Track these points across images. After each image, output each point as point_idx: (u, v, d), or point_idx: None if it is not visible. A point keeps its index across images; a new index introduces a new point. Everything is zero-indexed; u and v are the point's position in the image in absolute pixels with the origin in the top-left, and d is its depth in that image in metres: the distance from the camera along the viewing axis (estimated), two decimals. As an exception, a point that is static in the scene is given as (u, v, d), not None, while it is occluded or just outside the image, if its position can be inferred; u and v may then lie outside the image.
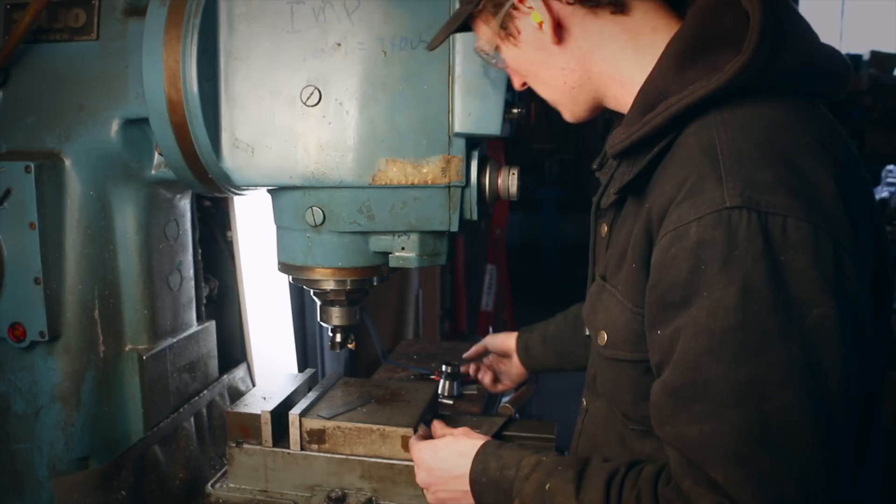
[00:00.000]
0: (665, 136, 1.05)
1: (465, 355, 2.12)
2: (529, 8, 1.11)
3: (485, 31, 1.18)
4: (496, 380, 2.08)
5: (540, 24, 1.11)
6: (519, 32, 1.14)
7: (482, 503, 1.27)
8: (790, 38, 1.02)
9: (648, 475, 1.07)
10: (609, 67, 1.13)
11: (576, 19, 1.11)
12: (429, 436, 1.52)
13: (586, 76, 1.15)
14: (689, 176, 0.98)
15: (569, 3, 1.10)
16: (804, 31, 1.07)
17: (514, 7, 1.12)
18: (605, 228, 1.27)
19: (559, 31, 1.12)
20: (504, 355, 2.04)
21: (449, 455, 1.34)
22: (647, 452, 1.17)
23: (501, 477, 1.23)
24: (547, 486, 1.15)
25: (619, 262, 1.15)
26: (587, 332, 1.29)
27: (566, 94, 1.19)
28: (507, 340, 2.00)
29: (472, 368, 2.11)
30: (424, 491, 1.41)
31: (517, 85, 1.28)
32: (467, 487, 1.29)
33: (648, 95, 1.06)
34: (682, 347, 0.97)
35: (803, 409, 0.91)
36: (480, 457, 1.28)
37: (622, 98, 1.15)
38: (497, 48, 1.19)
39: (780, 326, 0.91)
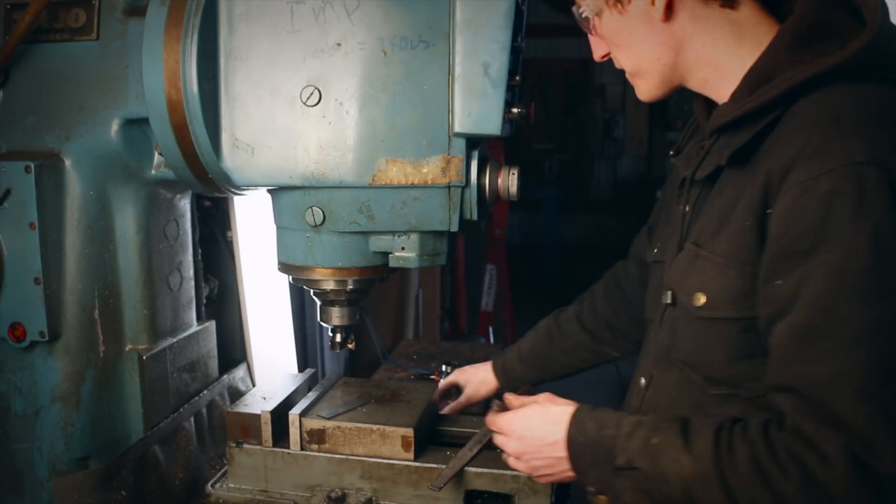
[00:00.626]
0: (776, 108, 1.16)
1: (435, 396, 1.89)
2: None
3: None
4: None
5: (652, 1, 1.21)
6: (629, 1, 1.24)
7: (579, 464, 1.30)
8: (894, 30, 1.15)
9: (757, 426, 1.13)
10: (707, 52, 1.25)
11: (686, 3, 1.22)
12: (505, 409, 1.52)
13: (680, 56, 1.26)
14: (812, 137, 1.08)
15: None
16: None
17: None
18: (688, 207, 1.35)
19: (668, 10, 1.22)
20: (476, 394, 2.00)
21: (540, 423, 1.37)
22: (732, 416, 1.20)
23: (601, 436, 1.26)
24: (653, 442, 1.19)
25: (719, 227, 1.23)
26: (667, 301, 1.33)
27: (654, 70, 1.29)
28: (480, 373, 2.00)
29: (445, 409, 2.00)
30: (514, 460, 1.42)
31: (598, 55, 1.37)
32: (562, 453, 1.32)
33: (760, 73, 1.18)
34: (811, 290, 1.05)
35: None
36: (577, 419, 1.32)
37: (712, 80, 1.28)
38: (598, 13, 1.27)
39: None
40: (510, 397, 1.55)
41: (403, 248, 1.53)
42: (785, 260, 1.09)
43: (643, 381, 1.45)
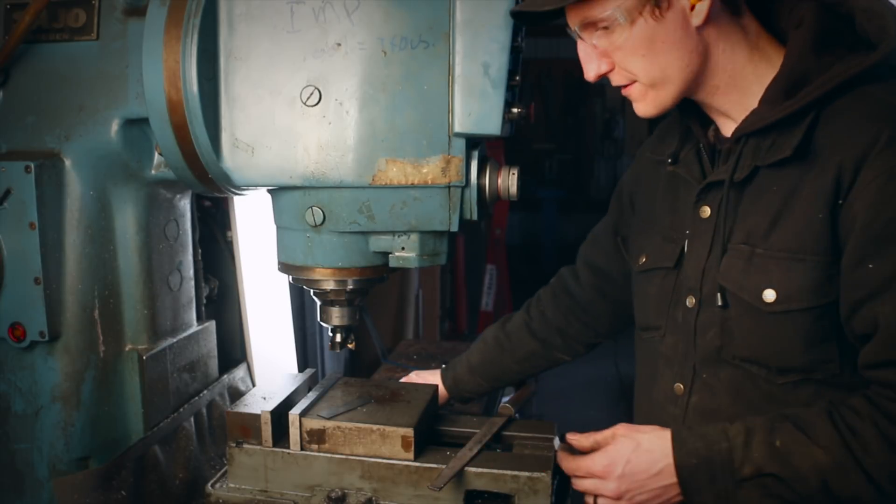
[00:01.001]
0: (813, 109, 1.24)
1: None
2: None
3: (626, 2, 1.24)
4: None
5: (693, 5, 1.23)
6: (669, 7, 1.24)
7: (693, 486, 1.27)
8: None
9: (864, 404, 1.19)
10: (725, 59, 1.30)
11: (715, 11, 1.26)
12: (573, 450, 1.45)
13: (704, 62, 1.29)
14: (882, 128, 1.17)
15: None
16: None
17: None
18: (709, 210, 1.39)
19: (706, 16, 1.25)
20: None
21: (637, 456, 1.31)
22: (804, 400, 1.29)
23: (713, 452, 1.25)
24: (777, 444, 1.21)
25: (773, 224, 1.28)
26: (719, 303, 1.35)
27: (679, 78, 1.30)
28: (432, 379, 1.99)
29: None
30: (614, 501, 1.34)
31: (596, 73, 1.33)
32: (671, 480, 1.29)
33: (792, 77, 1.25)
34: None
35: None
36: (679, 443, 1.29)
37: (724, 87, 1.33)
38: (633, 21, 1.25)
39: None
40: (577, 437, 1.45)
41: (403, 248, 1.53)
42: (878, 244, 1.16)
43: (679, 386, 1.45)
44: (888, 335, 1.18)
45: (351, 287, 1.58)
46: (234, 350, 2.15)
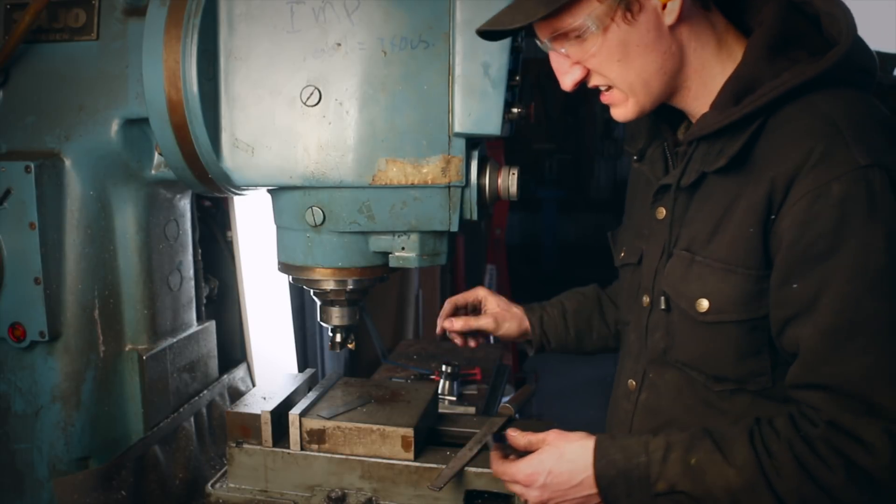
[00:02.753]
0: (762, 115, 1.20)
1: (448, 307, 1.80)
2: None
3: (597, 9, 1.19)
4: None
5: (664, 4, 1.19)
6: (641, 10, 1.20)
7: (611, 498, 1.26)
8: (861, 39, 1.21)
9: (786, 426, 1.17)
10: (697, 58, 1.26)
11: (686, 8, 1.21)
12: (507, 450, 1.43)
13: (680, 64, 1.26)
14: (815, 144, 1.13)
15: None
16: None
17: None
18: (664, 211, 1.36)
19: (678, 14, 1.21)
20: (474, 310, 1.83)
21: (559, 465, 1.30)
22: (738, 409, 1.28)
23: (632, 465, 1.24)
24: (693, 462, 1.20)
25: (713, 232, 1.26)
26: (661, 306, 1.35)
27: (656, 81, 1.26)
28: (512, 311, 1.81)
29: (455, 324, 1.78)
30: None
31: (572, 82, 1.29)
32: (591, 490, 1.28)
33: (741, 82, 1.21)
34: (835, 291, 1.11)
35: None
36: (601, 453, 1.28)
37: (695, 89, 1.29)
38: (605, 28, 1.20)
39: None
40: (515, 434, 1.43)
41: (403, 248, 1.53)
42: (802, 264, 1.14)
43: (632, 382, 1.45)
44: (808, 358, 1.16)
45: (351, 287, 1.58)
46: (234, 350, 2.15)
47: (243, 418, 1.69)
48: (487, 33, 1.27)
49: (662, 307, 1.35)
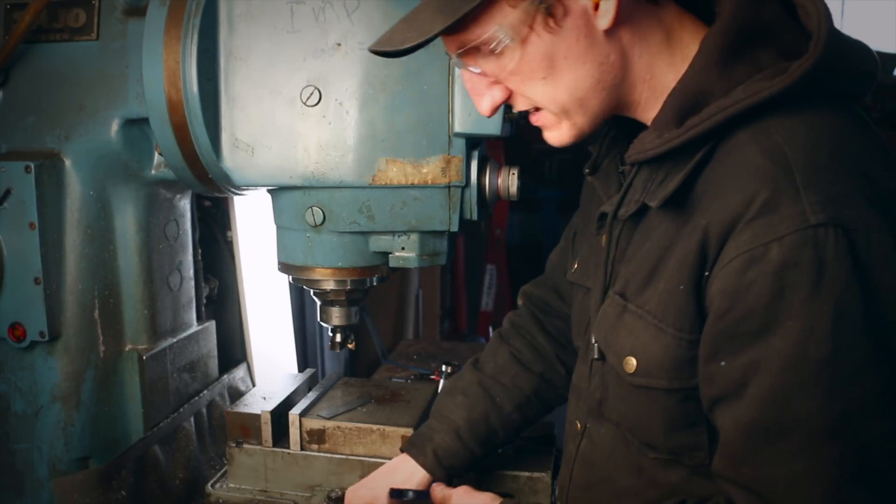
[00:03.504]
0: (709, 141, 0.96)
1: None
2: None
3: (509, 16, 0.96)
4: None
5: (596, 4, 0.95)
6: (566, 14, 0.96)
7: None
8: (842, 36, 0.96)
9: None
10: (643, 65, 1.02)
11: (626, 3, 0.97)
12: (401, 494, 1.40)
13: (622, 74, 1.01)
14: (759, 189, 0.89)
15: None
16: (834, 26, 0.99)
17: None
18: (605, 239, 1.15)
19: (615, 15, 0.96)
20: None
21: None
22: (674, 482, 1.09)
23: None
24: None
25: (648, 279, 1.04)
26: (596, 356, 1.15)
27: (593, 98, 1.02)
28: (402, 466, 1.49)
29: None
30: None
31: (493, 105, 1.07)
32: None
33: (686, 97, 0.97)
34: (764, 382, 0.89)
35: None
36: None
37: (644, 100, 1.05)
38: (524, 39, 0.98)
39: (873, 351, 0.85)
40: (435, 487, 1.38)
41: (403, 248, 1.53)
42: (731, 340, 0.92)
43: (577, 424, 1.25)
44: (728, 451, 0.95)
45: (351, 287, 1.58)
46: (234, 350, 2.15)
47: (243, 418, 1.69)
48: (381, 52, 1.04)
49: (596, 356, 1.15)
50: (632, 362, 1.06)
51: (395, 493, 1.41)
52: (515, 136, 1.58)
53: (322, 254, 1.53)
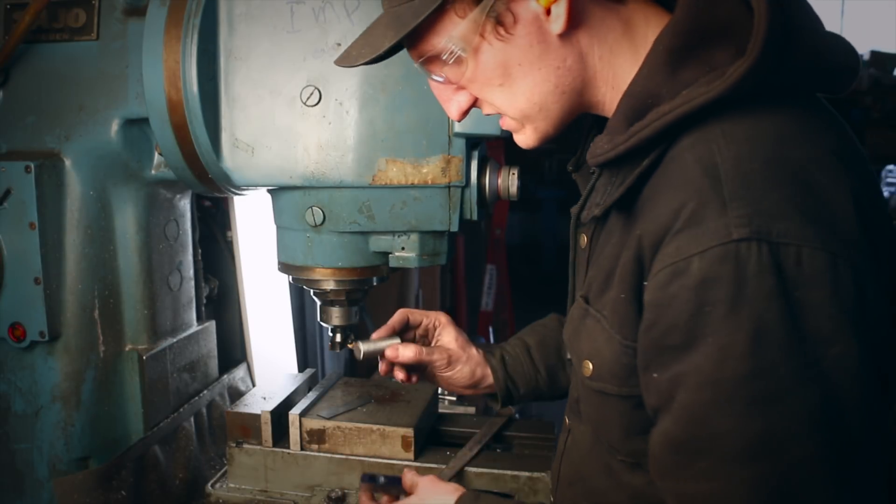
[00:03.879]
0: (656, 146, 0.93)
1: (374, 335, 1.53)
2: None
3: (458, 27, 0.96)
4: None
5: (547, 9, 0.94)
6: (515, 21, 0.95)
7: None
8: (798, 32, 0.90)
9: None
10: (605, 66, 0.99)
11: (581, 4, 0.95)
12: (375, 490, 1.41)
13: (581, 77, 1.00)
14: (687, 200, 0.87)
15: None
16: (810, 18, 0.94)
17: None
18: (585, 239, 1.13)
19: (568, 18, 0.94)
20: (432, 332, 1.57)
21: None
22: (638, 485, 1.07)
23: None
24: None
25: (604, 284, 1.03)
26: (569, 356, 1.16)
27: (552, 103, 1.01)
28: (471, 364, 1.53)
29: (381, 367, 1.53)
30: None
31: (460, 111, 1.08)
32: None
33: (636, 100, 0.94)
34: (684, 398, 0.88)
35: (824, 458, 0.82)
36: None
37: (608, 101, 1.03)
38: (475, 49, 0.98)
39: (795, 372, 0.82)
40: (406, 473, 1.39)
41: (403, 248, 1.53)
42: (659, 353, 0.90)
43: (566, 420, 1.26)
44: (654, 461, 0.95)
45: (351, 287, 1.58)
46: (234, 350, 2.15)
47: (243, 418, 1.69)
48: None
49: (568, 356, 1.15)
50: (588, 366, 1.06)
51: (367, 478, 1.43)
52: (515, 136, 1.57)
53: (322, 254, 1.53)
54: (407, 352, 1.45)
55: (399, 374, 1.50)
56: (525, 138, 1.07)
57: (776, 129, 0.89)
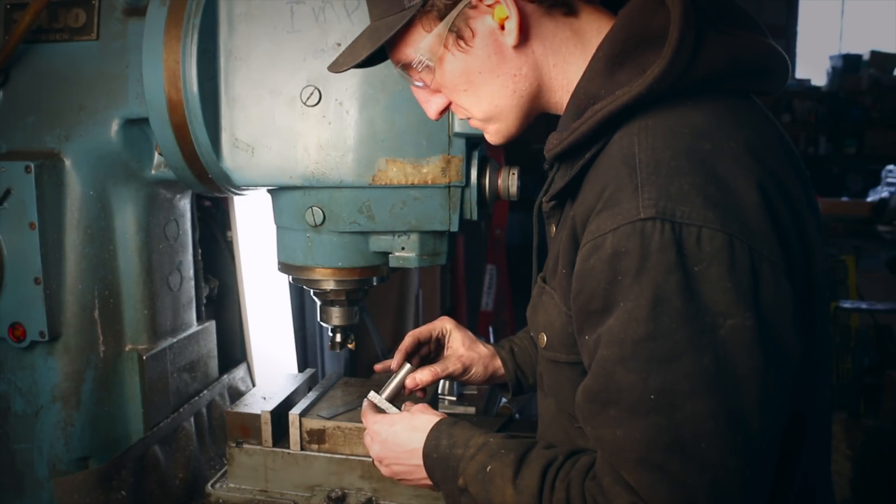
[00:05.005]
0: (596, 141, 1.05)
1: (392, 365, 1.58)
2: (489, 6, 1.05)
3: (425, 40, 1.09)
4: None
5: (501, 24, 1.06)
6: (473, 35, 1.07)
7: (433, 478, 1.27)
8: (714, 36, 1.01)
9: (581, 467, 1.08)
10: (559, 72, 1.11)
11: (533, 20, 1.07)
12: (379, 404, 1.47)
13: (536, 83, 1.12)
14: (608, 185, 0.99)
15: (531, 1, 1.06)
16: (736, 25, 1.06)
17: (472, 5, 1.06)
18: (554, 228, 1.23)
19: (520, 32, 1.06)
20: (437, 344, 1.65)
21: (403, 429, 1.32)
22: (592, 452, 1.13)
23: (450, 454, 1.23)
24: (488, 468, 1.16)
25: (555, 265, 1.15)
26: (532, 333, 1.28)
27: (511, 106, 1.13)
28: (441, 324, 1.65)
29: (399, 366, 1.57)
30: (377, 463, 1.38)
31: (436, 111, 1.19)
32: (420, 462, 1.28)
33: (579, 100, 1.06)
34: (599, 354, 0.99)
35: (715, 418, 0.92)
36: (434, 433, 1.27)
37: (564, 104, 1.13)
38: (440, 59, 1.10)
39: (690, 337, 0.92)
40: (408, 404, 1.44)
41: (403, 248, 1.53)
42: (587, 318, 1.02)
43: (539, 395, 1.38)
44: (579, 414, 1.05)
45: (351, 287, 1.58)
46: (234, 350, 2.15)
47: (243, 418, 1.69)
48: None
49: (532, 334, 1.29)
50: (543, 338, 1.20)
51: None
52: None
53: (322, 254, 1.53)
54: (424, 376, 1.54)
55: (420, 394, 1.60)
56: (491, 136, 1.20)
57: (692, 123, 1.00)
